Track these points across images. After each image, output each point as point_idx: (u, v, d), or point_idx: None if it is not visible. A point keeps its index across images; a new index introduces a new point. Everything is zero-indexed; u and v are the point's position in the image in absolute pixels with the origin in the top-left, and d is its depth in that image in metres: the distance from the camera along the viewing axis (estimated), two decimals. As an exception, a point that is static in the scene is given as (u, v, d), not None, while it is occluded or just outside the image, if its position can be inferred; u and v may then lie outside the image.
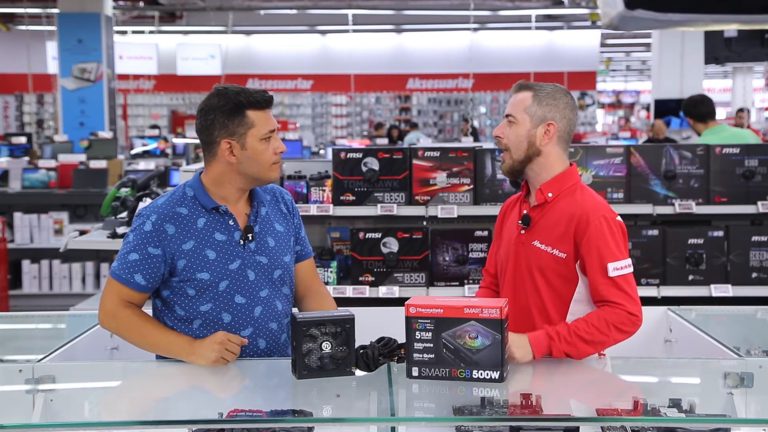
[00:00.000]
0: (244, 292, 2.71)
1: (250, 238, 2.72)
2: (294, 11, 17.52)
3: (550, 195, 2.78)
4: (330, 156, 4.76)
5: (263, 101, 2.69)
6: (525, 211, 2.84)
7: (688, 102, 6.48)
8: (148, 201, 4.97)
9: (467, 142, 11.52)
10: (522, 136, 2.78)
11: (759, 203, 4.42)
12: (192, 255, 2.66)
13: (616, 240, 2.71)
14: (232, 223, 2.72)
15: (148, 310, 2.77)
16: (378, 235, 4.43)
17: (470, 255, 4.46)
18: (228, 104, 2.66)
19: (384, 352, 2.48)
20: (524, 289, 2.81)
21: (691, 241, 4.41)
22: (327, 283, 4.39)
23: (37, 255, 8.24)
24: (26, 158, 9.81)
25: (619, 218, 2.77)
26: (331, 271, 4.47)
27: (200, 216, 2.70)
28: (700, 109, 6.30)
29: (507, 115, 2.83)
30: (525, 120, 2.79)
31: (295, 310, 2.89)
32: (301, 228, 2.92)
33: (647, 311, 3.60)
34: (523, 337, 2.60)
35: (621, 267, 2.68)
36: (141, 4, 17.59)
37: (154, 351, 2.71)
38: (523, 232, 2.83)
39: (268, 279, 2.74)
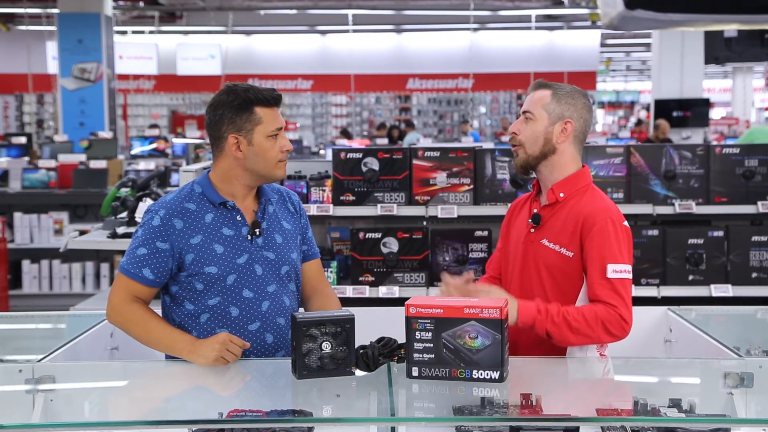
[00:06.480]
0: (252, 287, 2.72)
1: (258, 233, 2.74)
2: (294, 11, 17.53)
3: (561, 195, 2.79)
4: (330, 156, 4.76)
5: (271, 99, 2.72)
6: (536, 210, 2.85)
7: None
8: (148, 201, 4.97)
9: (467, 142, 11.52)
10: (539, 133, 2.79)
11: (759, 203, 4.42)
12: (200, 249, 2.68)
13: (619, 243, 2.72)
14: (240, 219, 2.74)
15: (157, 308, 2.77)
16: (378, 235, 4.43)
17: (470, 255, 4.46)
18: (236, 100, 2.69)
19: (384, 352, 2.48)
20: (531, 287, 2.81)
21: (691, 241, 4.41)
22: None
23: (37, 255, 8.23)
24: (26, 158, 9.80)
25: (626, 223, 2.78)
26: (331, 271, 4.47)
27: (208, 211, 2.73)
28: None
29: (524, 112, 2.83)
30: (543, 116, 2.79)
31: (301, 309, 2.90)
32: (308, 228, 2.94)
33: (647, 311, 3.63)
34: (513, 300, 2.63)
35: (620, 270, 2.68)
36: (141, 4, 17.59)
37: (156, 347, 2.72)
38: (532, 230, 2.83)
39: (276, 274, 2.76)
